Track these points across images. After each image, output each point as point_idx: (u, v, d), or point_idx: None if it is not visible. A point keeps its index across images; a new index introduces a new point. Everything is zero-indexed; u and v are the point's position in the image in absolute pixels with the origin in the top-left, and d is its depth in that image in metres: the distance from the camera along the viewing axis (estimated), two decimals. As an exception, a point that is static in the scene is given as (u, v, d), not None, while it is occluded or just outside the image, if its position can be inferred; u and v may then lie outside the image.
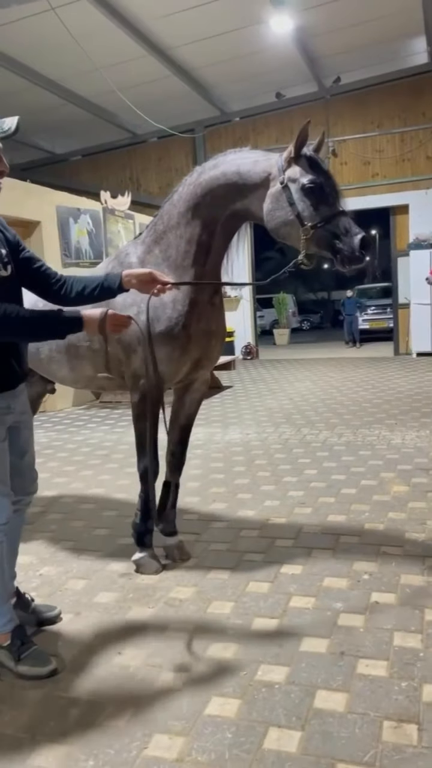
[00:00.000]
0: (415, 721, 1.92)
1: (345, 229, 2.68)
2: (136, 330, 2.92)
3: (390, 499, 3.99)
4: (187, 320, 2.96)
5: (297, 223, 2.74)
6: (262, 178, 2.82)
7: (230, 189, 2.88)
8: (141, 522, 3.14)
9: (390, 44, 11.65)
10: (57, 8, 8.17)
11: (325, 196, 2.73)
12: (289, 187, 2.75)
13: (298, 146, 2.75)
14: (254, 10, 9.52)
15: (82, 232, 9.17)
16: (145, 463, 3.11)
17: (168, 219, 3.03)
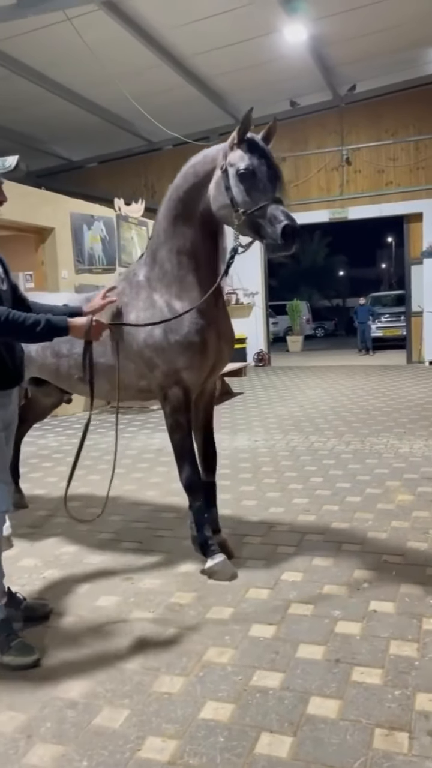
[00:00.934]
0: (406, 729, 1.93)
1: (272, 218, 2.67)
2: (152, 345, 3.05)
3: (394, 508, 3.99)
4: (199, 326, 3.03)
5: (231, 207, 2.78)
6: (212, 167, 2.88)
7: (193, 190, 2.95)
8: (199, 533, 3.16)
9: (405, 53, 11.66)
10: (73, 18, 8.30)
11: (258, 182, 2.72)
12: (227, 171, 2.78)
13: (240, 131, 2.77)
14: (269, 20, 9.58)
15: (95, 239, 9.27)
16: (188, 473, 3.14)
17: (157, 237, 3.16)
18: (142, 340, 3.10)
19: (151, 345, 3.07)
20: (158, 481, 4.92)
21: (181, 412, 3.12)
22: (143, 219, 10.65)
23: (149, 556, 3.40)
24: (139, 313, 3.12)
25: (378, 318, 18.46)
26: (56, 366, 3.50)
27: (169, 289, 3.10)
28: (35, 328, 2.37)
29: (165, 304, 3.08)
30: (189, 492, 3.16)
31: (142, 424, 7.53)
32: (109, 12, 8.82)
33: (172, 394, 3.10)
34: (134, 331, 3.11)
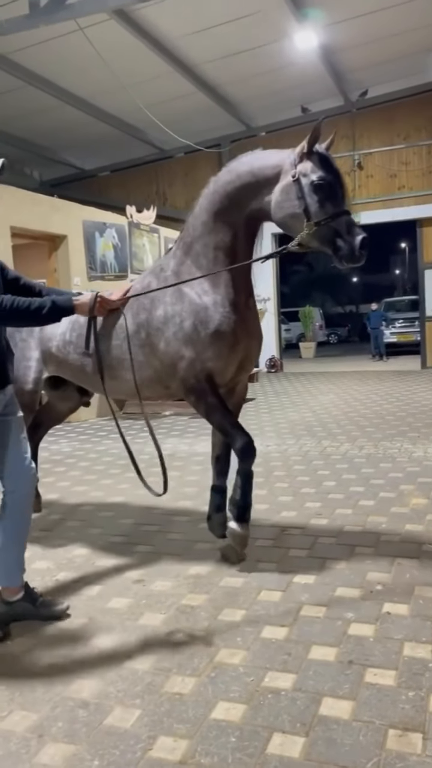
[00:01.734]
0: (420, 729, 1.90)
1: (347, 228, 2.79)
2: (182, 338, 3.07)
3: (408, 512, 3.95)
4: (231, 320, 3.07)
5: (303, 217, 2.83)
6: (275, 173, 2.92)
7: (245, 189, 2.98)
8: (242, 497, 3.15)
9: (416, 58, 11.68)
10: (85, 28, 8.39)
11: (332, 194, 2.83)
12: (300, 181, 2.83)
13: (311, 142, 2.85)
14: (279, 27, 9.64)
15: (107, 246, 9.33)
16: (240, 442, 3.09)
17: (193, 230, 3.17)
18: (171, 333, 3.11)
19: (180, 338, 3.09)
20: (171, 485, 4.91)
21: (209, 395, 3.11)
22: (155, 226, 10.71)
23: (161, 559, 3.40)
24: (167, 308, 3.14)
25: (392, 323, 18.38)
26: (80, 363, 3.48)
27: (201, 284, 3.11)
28: (41, 311, 2.45)
29: (196, 297, 3.09)
30: (242, 458, 3.11)
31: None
32: (121, 21, 8.92)
33: (193, 381, 3.10)
34: (162, 326, 3.13)
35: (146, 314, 3.21)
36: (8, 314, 2.40)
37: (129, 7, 8.53)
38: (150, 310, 3.19)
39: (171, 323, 3.11)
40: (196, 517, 4.08)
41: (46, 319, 2.54)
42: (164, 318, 3.13)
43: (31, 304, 2.43)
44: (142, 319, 3.22)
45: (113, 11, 8.51)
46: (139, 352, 3.23)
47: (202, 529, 3.84)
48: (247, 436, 3.12)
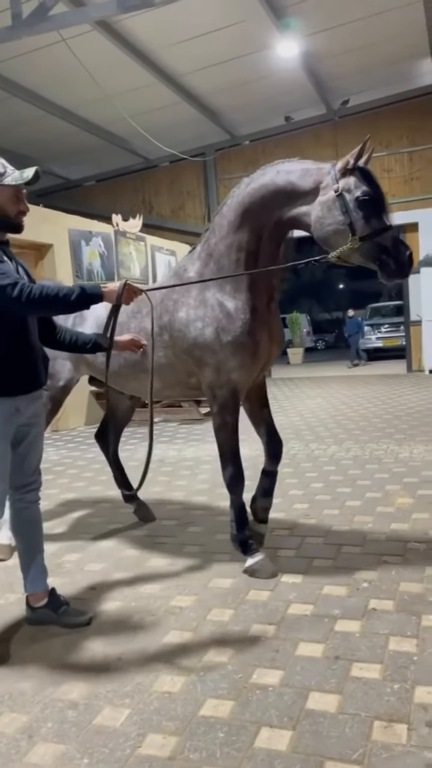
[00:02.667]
0: (405, 721, 1.93)
1: (393, 244, 2.79)
2: (203, 344, 3.07)
3: (394, 511, 4.00)
4: (251, 327, 3.05)
5: (348, 232, 2.80)
6: (312, 186, 2.90)
7: (279, 195, 2.95)
8: (239, 531, 3.19)
9: (397, 66, 11.83)
10: (68, 39, 8.45)
11: (377, 209, 2.81)
12: (344, 196, 2.80)
13: (356, 158, 2.84)
14: (261, 37, 9.75)
15: (94, 254, 9.36)
16: (231, 472, 3.17)
17: (219, 230, 3.14)
18: (192, 338, 3.11)
19: (201, 344, 3.08)
20: (159, 490, 4.94)
21: (229, 412, 3.13)
22: (141, 234, 10.76)
23: (150, 562, 3.41)
24: (189, 310, 3.12)
25: (378, 328, 18.53)
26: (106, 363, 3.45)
27: (223, 287, 3.09)
28: (70, 297, 2.42)
29: (217, 303, 3.07)
30: (231, 490, 3.19)
31: (143, 437, 7.56)
32: (104, 32, 8.98)
33: (220, 395, 3.11)
34: (184, 329, 3.13)
35: (169, 316, 3.20)
36: (38, 301, 2.37)
37: (111, 19, 8.60)
38: (173, 313, 3.17)
39: (192, 327, 3.10)
40: (184, 521, 4.11)
41: (75, 306, 2.49)
42: (186, 321, 3.12)
43: (60, 291, 2.41)
44: (165, 321, 3.20)
45: (96, 22, 8.57)
46: (162, 354, 3.23)
47: (190, 532, 3.87)
48: (238, 473, 3.18)
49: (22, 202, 2.56)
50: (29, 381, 2.58)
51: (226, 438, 3.17)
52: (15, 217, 2.54)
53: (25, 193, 2.59)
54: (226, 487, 3.22)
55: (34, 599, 2.74)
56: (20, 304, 2.35)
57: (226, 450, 3.19)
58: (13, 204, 2.52)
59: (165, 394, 3.46)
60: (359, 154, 2.84)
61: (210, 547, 3.60)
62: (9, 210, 2.51)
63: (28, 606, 2.77)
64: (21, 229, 2.59)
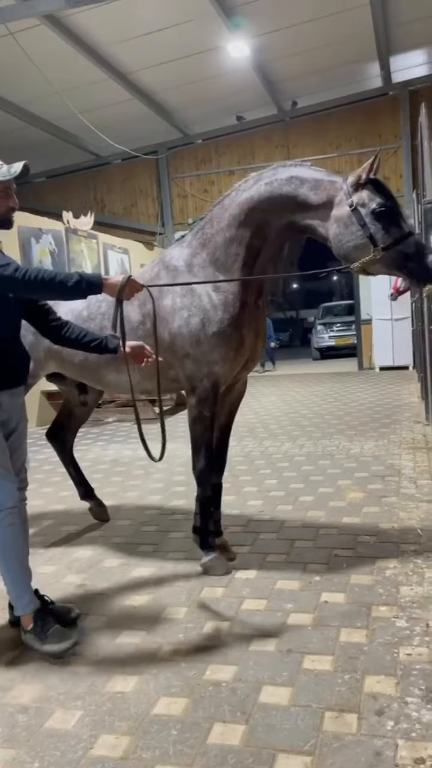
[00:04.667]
0: (355, 710, 1.97)
1: (417, 249, 2.79)
2: (187, 334, 3.02)
3: (345, 505, 4.07)
4: (238, 322, 3.03)
5: (369, 245, 2.79)
6: (325, 200, 2.88)
7: (289, 202, 2.94)
8: (201, 524, 3.18)
9: (345, 69, 12.03)
10: (15, 33, 8.29)
11: (395, 218, 2.81)
12: (359, 210, 2.79)
13: (369, 172, 2.82)
14: (212, 36, 9.77)
15: (44, 252, 9.21)
16: (201, 465, 3.17)
17: (217, 222, 3.09)
18: (176, 327, 3.05)
19: (186, 334, 3.03)
20: (113, 491, 4.90)
21: (207, 405, 3.10)
22: (93, 232, 10.64)
23: (104, 563, 3.38)
24: (176, 298, 3.06)
25: (330, 327, 18.82)
26: (84, 357, 3.33)
27: (214, 278, 3.06)
28: (66, 283, 2.37)
29: (206, 293, 3.04)
30: (200, 483, 3.19)
31: (96, 437, 7.49)
32: (52, 27, 8.85)
33: (201, 386, 3.08)
34: (169, 317, 3.07)
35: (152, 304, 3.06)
36: (34, 282, 2.33)
37: (60, 13, 8.48)
38: (157, 299, 3.06)
39: (177, 316, 3.05)
40: (138, 521, 4.08)
41: (70, 292, 2.43)
42: (171, 309, 3.07)
43: (57, 276, 2.36)
44: (148, 308, 3.08)
45: (44, 17, 8.43)
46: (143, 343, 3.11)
47: (144, 532, 3.85)
48: (208, 467, 3.18)
49: (11, 197, 2.51)
50: (11, 377, 2.56)
51: (201, 431, 3.15)
52: (5, 213, 2.51)
53: (14, 188, 2.53)
54: (195, 479, 3.21)
55: (26, 621, 2.51)
56: (16, 282, 2.32)
57: (200, 443, 3.16)
58: (2, 200, 2.48)
59: (144, 387, 3.34)
60: (371, 168, 2.82)
61: (164, 546, 3.58)
62: None
63: (10, 608, 2.68)
64: (10, 225, 2.56)
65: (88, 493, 4.10)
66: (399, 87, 13.10)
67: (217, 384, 3.10)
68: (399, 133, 13.36)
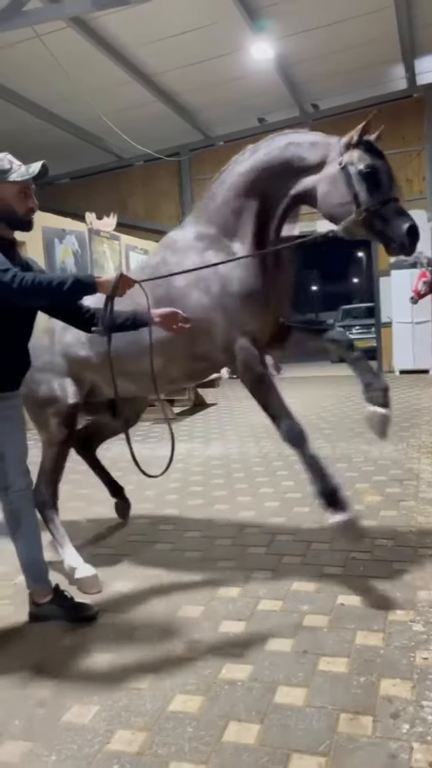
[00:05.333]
0: (370, 713, 1.97)
1: (396, 215, 2.75)
2: (209, 303, 2.97)
3: (363, 509, 4.05)
4: (258, 275, 2.98)
5: (352, 204, 2.78)
6: (319, 160, 2.90)
7: (288, 167, 2.94)
8: (322, 485, 2.87)
9: (370, 70, 11.96)
10: (43, 35, 8.38)
11: (381, 181, 2.79)
12: (348, 169, 2.80)
13: (361, 134, 2.83)
14: (235, 38, 9.78)
15: (67, 253, 9.29)
16: (287, 425, 2.95)
17: (221, 196, 3.09)
18: (195, 299, 3.00)
19: (208, 303, 2.98)
20: (131, 489, 4.92)
21: (256, 364, 2.99)
22: (115, 233, 10.72)
23: (121, 561, 3.41)
24: (189, 277, 2.99)
25: (349, 330, 18.74)
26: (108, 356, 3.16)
27: (225, 245, 3.03)
28: (62, 286, 2.34)
29: (219, 259, 2.98)
30: (295, 444, 2.95)
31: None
32: (78, 29, 8.92)
33: (239, 347, 2.99)
34: (181, 297, 3.01)
35: (164, 288, 3.03)
36: (30, 290, 2.30)
37: (86, 16, 8.55)
38: (168, 281, 3.02)
39: (195, 289, 3.00)
40: (155, 519, 4.11)
41: (67, 295, 2.41)
42: (185, 286, 3.02)
43: (52, 281, 2.35)
44: (160, 293, 3.02)
45: (71, 19, 8.51)
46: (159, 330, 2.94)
47: (162, 530, 3.88)
48: (295, 424, 2.96)
49: (30, 198, 2.50)
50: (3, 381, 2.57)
51: (266, 391, 2.99)
52: (24, 214, 2.49)
53: (33, 189, 2.52)
54: (289, 443, 2.96)
55: (38, 596, 2.73)
56: (12, 291, 2.29)
57: (272, 403, 2.98)
58: (21, 201, 2.46)
59: (172, 375, 3.26)
60: (363, 129, 2.84)
61: (180, 544, 3.61)
62: (17, 207, 2.46)
63: (31, 603, 2.75)
64: (31, 226, 2.54)
65: (116, 492, 4.11)
66: (423, 89, 12.99)
67: (256, 341, 3.02)
68: (422, 136, 13.26)
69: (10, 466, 2.63)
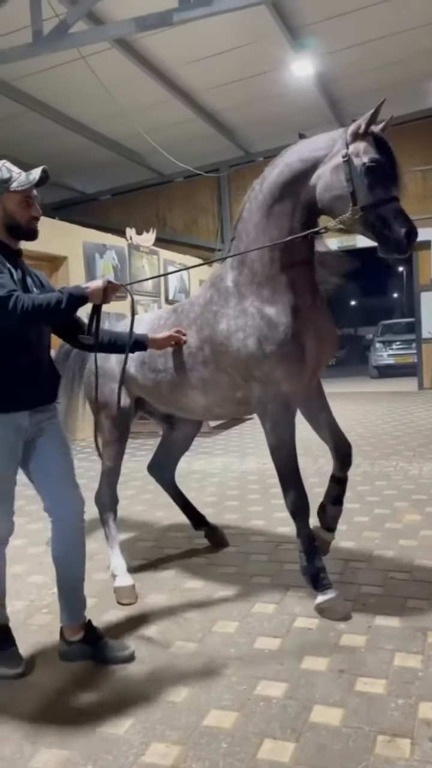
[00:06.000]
0: (408, 735, 1.93)
1: (394, 217, 2.58)
2: (245, 356, 2.87)
3: (402, 527, 3.99)
4: (295, 331, 2.80)
5: (349, 200, 2.62)
6: (324, 154, 2.73)
7: (296, 179, 2.78)
8: (309, 563, 2.85)
9: (408, 87, 11.92)
10: (87, 57, 8.60)
11: (383, 178, 2.62)
12: (351, 161, 2.63)
13: (369, 122, 2.65)
14: (276, 56, 9.87)
15: (107, 267, 9.45)
16: (293, 496, 2.93)
17: (246, 236, 2.95)
18: (235, 350, 2.90)
19: (245, 356, 2.86)
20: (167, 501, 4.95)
21: (284, 428, 2.89)
22: (154, 248, 10.86)
23: (155, 574, 3.43)
24: (230, 321, 2.92)
25: (389, 345, 18.52)
26: (155, 382, 3.29)
27: (260, 293, 2.88)
28: (60, 306, 2.29)
29: (257, 310, 2.85)
30: (295, 518, 2.92)
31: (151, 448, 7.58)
32: (122, 50, 9.14)
33: (272, 409, 2.88)
34: (226, 341, 2.93)
35: (209, 329, 3.01)
36: (31, 314, 2.23)
37: (130, 37, 8.75)
38: (213, 325, 2.99)
39: (234, 338, 2.89)
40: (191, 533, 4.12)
41: (66, 312, 2.36)
42: (227, 332, 2.92)
43: (50, 300, 2.28)
44: (206, 334, 3.02)
45: (115, 40, 8.72)
46: (203, 369, 3.06)
47: (196, 544, 3.88)
48: (301, 498, 2.94)
49: (33, 206, 2.40)
50: (30, 396, 2.42)
51: (284, 458, 2.93)
52: (27, 223, 2.40)
53: (35, 197, 2.43)
54: (290, 514, 2.95)
55: (70, 632, 2.54)
56: (14, 317, 2.21)
57: (286, 472, 2.94)
58: (24, 210, 2.38)
59: (215, 413, 3.28)
60: (372, 117, 2.65)
61: (216, 560, 3.60)
62: (20, 217, 2.37)
63: (62, 639, 2.57)
64: (35, 235, 2.45)
65: (200, 521, 3.92)
66: (462, 105, 12.90)
67: (288, 404, 2.89)
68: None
69: (54, 482, 2.48)
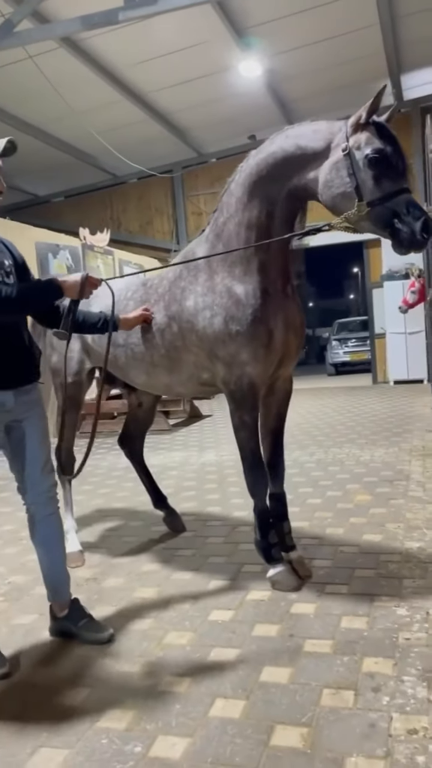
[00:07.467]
0: (352, 688, 2.03)
1: (407, 209, 2.43)
2: (212, 335, 2.82)
3: (353, 507, 4.12)
4: (263, 315, 2.75)
5: (354, 196, 2.49)
6: (323, 146, 2.60)
7: (288, 163, 2.67)
8: (262, 538, 2.95)
9: (357, 88, 12.17)
10: (35, 56, 8.57)
11: (390, 169, 2.47)
12: (353, 154, 2.50)
13: (369, 111, 2.52)
14: (225, 57, 9.99)
15: (61, 267, 9.42)
16: (252, 475, 2.97)
17: (227, 209, 2.88)
18: (201, 328, 2.86)
19: (211, 335, 2.82)
20: (125, 495, 4.99)
21: (247, 410, 2.87)
22: (109, 248, 10.86)
23: (115, 558, 3.47)
24: (197, 298, 2.87)
25: (344, 343, 18.88)
26: (114, 356, 3.24)
27: (232, 270, 2.81)
28: (28, 298, 2.31)
29: (226, 289, 2.80)
30: (253, 494, 2.97)
31: (110, 446, 7.59)
32: (70, 50, 9.12)
33: (236, 389, 2.85)
34: (193, 319, 2.89)
35: (177, 306, 2.96)
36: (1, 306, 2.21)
37: (77, 36, 8.76)
38: (180, 301, 2.94)
39: (201, 317, 2.85)
40: (154, 520, 4.17)
41: (36, 306, 2.38)
42: (194, 310, 2.87)
43: (19, 292, 2.26)
44: (174, 311, 2.98)
45: (62, 40, 8.71)
46: (169, 346, 3.03)
47: (154, 531, 3.93)
48: (261, 477, 2.97)
49: None
50: (13, 375, 2.39)
51: (246, 438, 2.92)
52: None
53: (1, 168, 2.40)
54: (249, 491, 2.99)
55: (57, 608, 2.57)
56: None
57: (246, 451, 2.94)
58: None
59: (177, 391, 3.29)
60: (373, 106, 2.51)
61: (173, 544, 3.67)
62: None
63: (51, 616, 2.60)
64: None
65: (160, 500, 3.97)
66: (410, 105, 13.25)
67: (253, 386, 2.84)
68: (411, 150, 13.48)
69: (30, 466, 2.46)
